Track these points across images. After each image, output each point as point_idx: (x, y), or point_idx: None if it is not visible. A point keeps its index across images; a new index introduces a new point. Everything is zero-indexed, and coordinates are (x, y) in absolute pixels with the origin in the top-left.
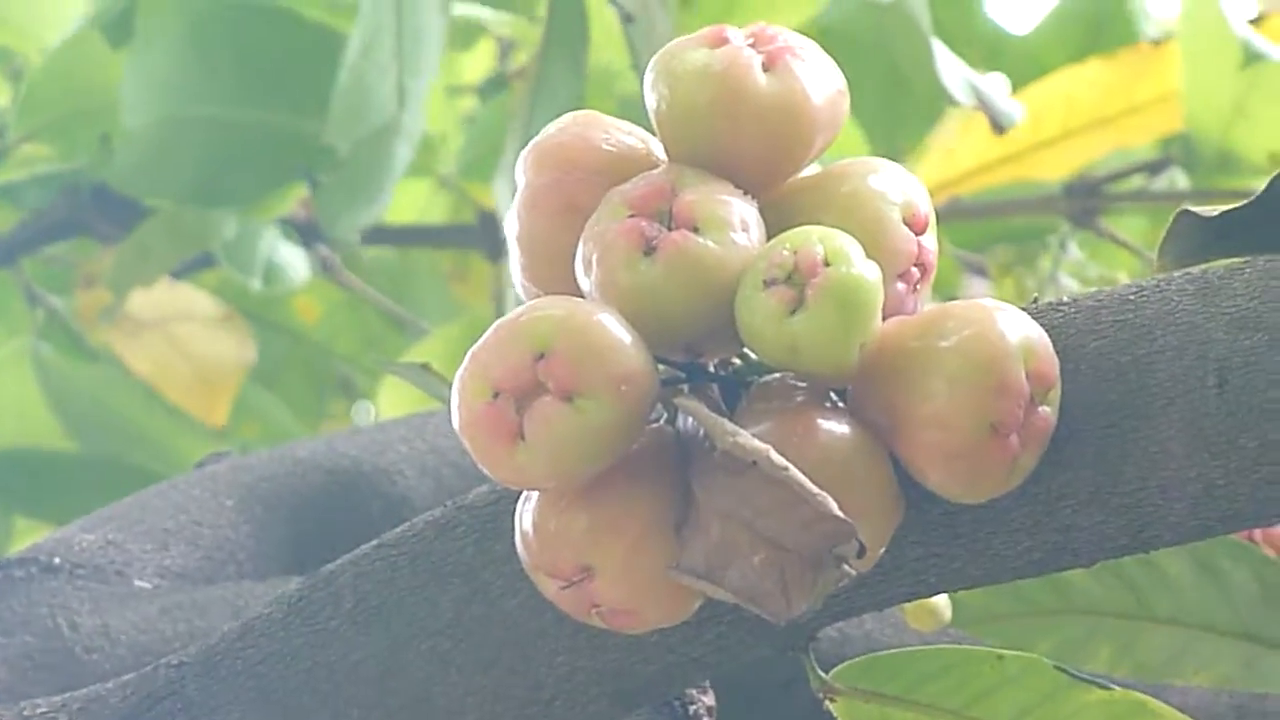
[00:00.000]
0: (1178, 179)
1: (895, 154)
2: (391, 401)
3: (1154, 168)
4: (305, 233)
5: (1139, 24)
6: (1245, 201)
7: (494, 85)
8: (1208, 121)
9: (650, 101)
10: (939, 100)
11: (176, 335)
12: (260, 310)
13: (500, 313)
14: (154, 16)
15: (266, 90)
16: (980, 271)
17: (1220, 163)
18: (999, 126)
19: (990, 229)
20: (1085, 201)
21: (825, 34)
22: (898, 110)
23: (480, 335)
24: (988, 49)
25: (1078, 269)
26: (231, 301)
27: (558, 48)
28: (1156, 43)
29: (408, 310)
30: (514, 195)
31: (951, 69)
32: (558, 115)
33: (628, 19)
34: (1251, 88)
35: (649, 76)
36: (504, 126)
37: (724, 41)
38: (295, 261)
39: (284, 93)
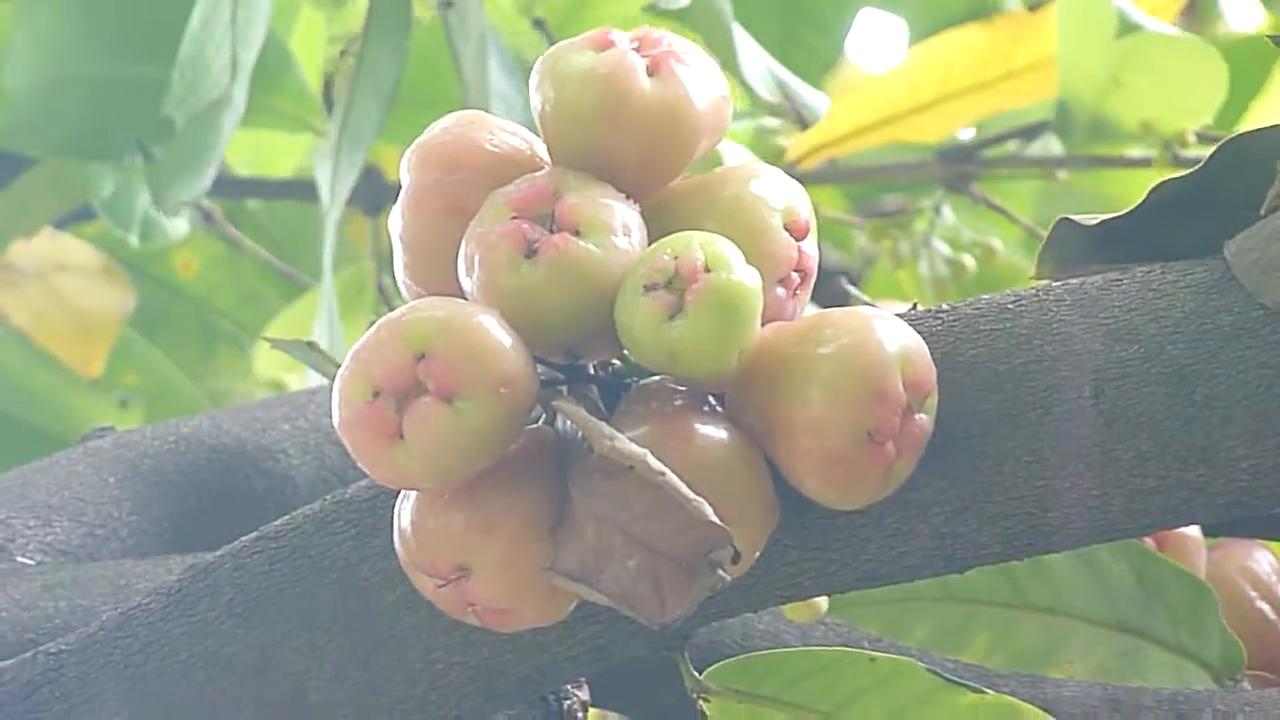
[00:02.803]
0: (1052, 145)
1: None
2: (268, 359)
3: (1029, 133)
4: None
5: None
6: (1124, 211)
7: None
8: (1082, 89)
9: (535, 103)
10: (832, 54)
11: (55, 286)
12: (140, 262)
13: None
14: None
15: (149, 46)
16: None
17: (1094, 130)
18: (804, 122)
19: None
20: (960, 166)
21: None
22: (790, 64)
23: (359, 292)
24: None
25: (951, 233)
26: (111, 252)
27: (379, 31)
28: (1034, 8)
29: (298, 262)
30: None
31: (754, 61)
32: (379, 98)
33: (446, 4)
34: (1126, 56)
35: (534, 79)
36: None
37: (609, 45)
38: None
39: (167, 50)
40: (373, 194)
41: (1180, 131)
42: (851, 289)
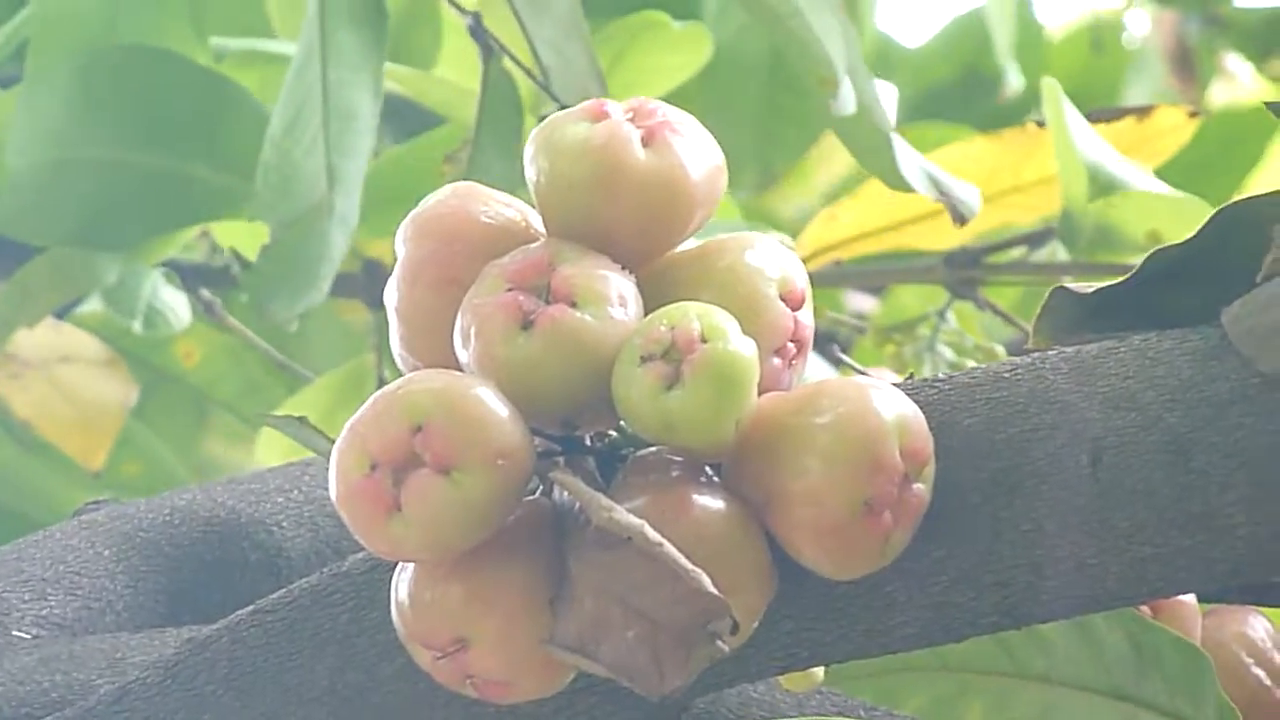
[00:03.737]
0: (1058, 252)
1: (771, 177)
2: (269, 448)
3: (1034, 240)
4: (188, 276)
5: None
6: (1120, 279)
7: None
8: (1083, 197)
9: (530, 175)
10: (816, 123)
11: (58, 378)
12: (141, 351)
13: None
14: (42, 58)
15: (153, 134)
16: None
17: (1099, 237)
18: (960, 217)
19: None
20: (965, 272)
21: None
22: (774, 133)
23: (360, 385)
24: (875, 59)
25: (956, 339)
26: (111, 341)
27: (490, 132)
28: (1043, 124)
29: (301, 353)
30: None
31: (910, 162)
32: None
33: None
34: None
35: (528, 150)
36: (392, 179)
37: (603, 116)
38: (177, 305)
39: (171, 137)
40: (374, 287)
41: None
42: (844, 357)
